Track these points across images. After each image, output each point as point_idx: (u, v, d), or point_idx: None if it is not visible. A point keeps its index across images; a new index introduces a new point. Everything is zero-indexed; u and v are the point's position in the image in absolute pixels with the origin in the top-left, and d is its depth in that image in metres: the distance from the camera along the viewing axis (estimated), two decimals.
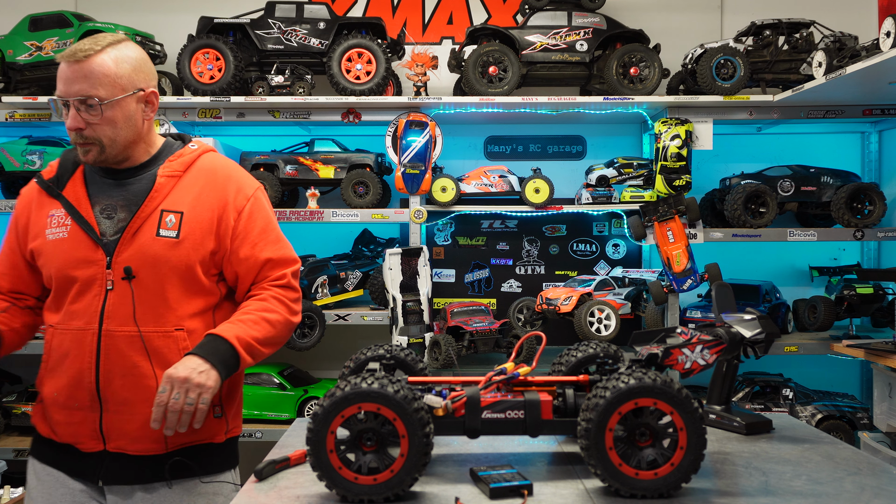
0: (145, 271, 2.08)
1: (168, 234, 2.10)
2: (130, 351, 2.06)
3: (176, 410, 1.94)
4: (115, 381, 2.06)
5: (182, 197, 2.15)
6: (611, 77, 3.84)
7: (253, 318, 2.12)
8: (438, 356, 3.48)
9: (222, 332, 2.07)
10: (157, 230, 2.10)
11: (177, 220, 2.12)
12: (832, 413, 3.65)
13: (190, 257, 2.11)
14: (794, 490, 1.58)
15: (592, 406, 1.50)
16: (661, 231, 3.84)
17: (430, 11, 4.42)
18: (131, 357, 2.06)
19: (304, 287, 3.78)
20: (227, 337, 2.05)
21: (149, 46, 3.92)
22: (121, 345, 2.06)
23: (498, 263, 4.35)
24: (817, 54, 3.47)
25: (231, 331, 2.07)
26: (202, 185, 2.19)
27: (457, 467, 1.72)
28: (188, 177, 2.19)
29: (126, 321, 2.06)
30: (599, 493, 1.54)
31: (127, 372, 2.06)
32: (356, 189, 3.86)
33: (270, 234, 2.26)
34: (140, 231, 2.09)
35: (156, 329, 2.08)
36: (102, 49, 2.05)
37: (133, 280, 2.07)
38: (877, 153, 4.38)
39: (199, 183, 2.19)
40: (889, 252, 4.37)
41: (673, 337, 1.86)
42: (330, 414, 1.47)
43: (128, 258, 2.07)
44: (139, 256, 2.08)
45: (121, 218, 2.11)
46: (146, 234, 2.09)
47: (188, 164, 2.20)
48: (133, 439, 2.08)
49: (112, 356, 2.06)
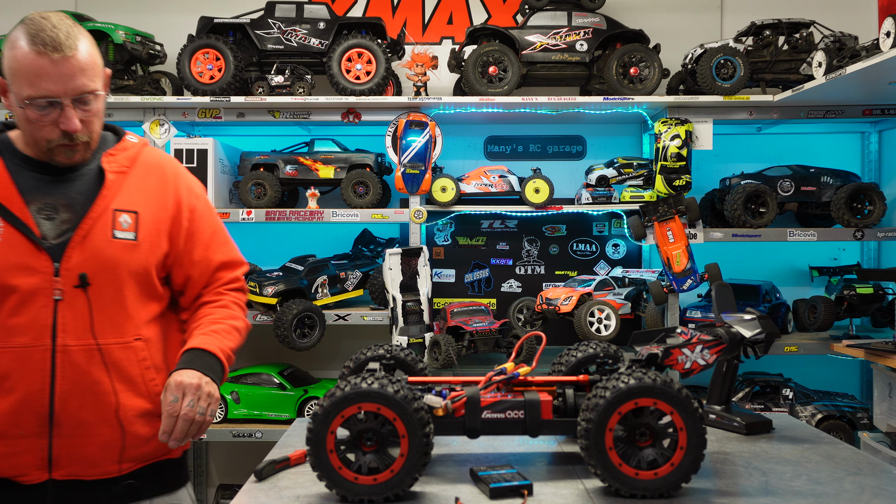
0: (102, 277, 1.89)
1: (125, 236, 1.93)
2: (89, 367, 1.86)
3: (189, 419, 1.81)
4: (72, 401, 1.85)
5: (133, 195, 1.98)
6: (611, 77, 3.84)
7: (225, 327, 2.01)
8: (438, 356, 3.48)
9: (207, 345, 1.95)
10: (112, 232, 1.91)
11: (133, 220, 1.95)
12: (832, 413, 3.65)
13: (148, 260, 1.96)
14: (794, 490, 1.58)
15: (592, 406, 1.49)
16: (661, 231, 3.84)
17: (430, 11, 4.42)
18: (91, 373, 1.86)
19: (304, 287, 3.78)
20: (213, 351, 1.94)
21: (149, 46, 3.92)
22: (79, 361, 1.85)
23: (498, 263, 4.35)
24: (817, 54, 3.46)
25: (214, 344, 1.96)
26: (154, 183, 2.03)
27: (457, 467, 1.72)
28: (135, 173, 2.01)
29: (83, 334, 1.86)
30: (599, 493, 1.54)
31: (86, 390, 1.86)
32: (356, 189, 3.86)
33: (221, 234, 2.16)
34: (92, 233, 1.89)
35: (116, 340, 1.90)
36: (79, 35, 1.86)
37: (89, 288, 1.87)
38: (877, 153, 4.38)
39: (149, 180, 2.03)
40: (889, 252, 4.37)
41: (673, 337, 1.86)
42: (330, 414, 1.47)
43: (80, 264, 1.87)
44: (94, 261, 1.88)
45: (64, 219, 1.90)
46: (100, 237, 1.90)
47: (133, 159, 2.02)
48: (91, 463, 1.88)
49: (69, 374, 1.84)
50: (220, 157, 3.91)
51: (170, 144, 3.85)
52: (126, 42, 3.81)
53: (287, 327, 3.60)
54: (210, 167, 3.82)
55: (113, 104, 3.79)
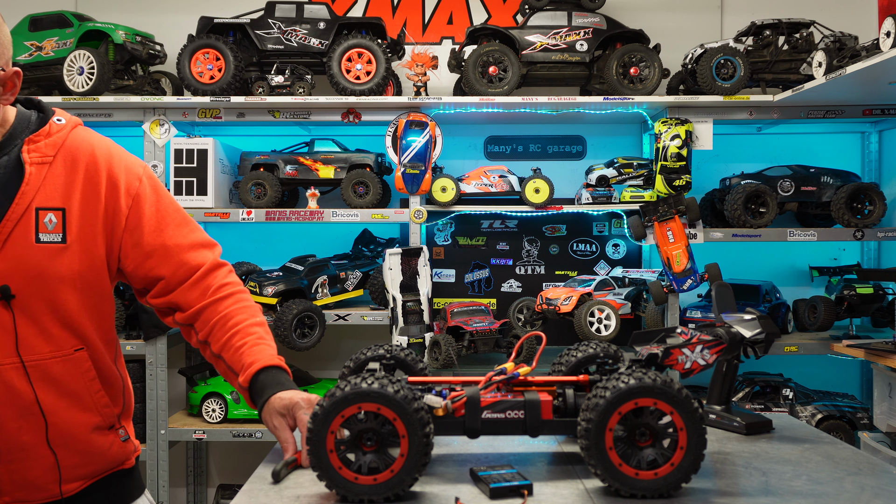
0: (28, 288, 1.66)
1: (50, 239, 1.67)
2: (22, 385, 1.67)
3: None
4: (9, 424, 1.67)
5: (58, 188, 1.71)
6: (611, 77, 3.84)
7: (264, 330, 1.88)
8: (438, 356, 3.48)
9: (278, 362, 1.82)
10: (36, 235, 1.66)
11: (58, 219, 1.68)
12: (832, 413, 3.65)
13: (82, 263, 1.72)
14: (794, 490, 1.57)
15: (592, 406, 1.49)
16: (661, 231, 3.84)
17: (430, 11, 4.42)
18: (26, 392, 1.67)
19: (304, 287, 3.78)
20: (285, 367, 1.83)
21: (149, 46, 3.93)
22: (10, 380, 1.66)
23: (498, 263, 4.35)
24: (817, 54, 3.46)
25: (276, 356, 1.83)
26: (83, 171, 1.74)
27: (457, 467, 1.72)
28: (60, 161, 1.72)
29: (9, 352, 1.66)
30: (599, 493, 1.54)
31: (25, 411, 1.68)
32: (356, 189, 3.86)
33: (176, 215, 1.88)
34: (12, 238, 1.64)
35: (53, 354, 1.70)
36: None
37: (13, 301, 1.65)
38: (877, 153, 4.38)
39: (77, 168, 1.74)
40: (889, 252, 4.37)
41: (673, 337, 1.86)
42: (330, 414, 1.47)
43: (2, 273, 1.64)
44: (17, 270, 1.65)
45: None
46: (21, 241, 1.65)
47: (59, 146, 1.73)
48: (37, 488, 1.71)
49: (2, 395, 1.66)
50: (220, 157, 3.91)
51: (170, 144, 3.85)
52: (126, 42, 3.81)
53: (287, 327, 3.60)
54: (210, 167, 3.82)
55: (113, 104, 3.79)
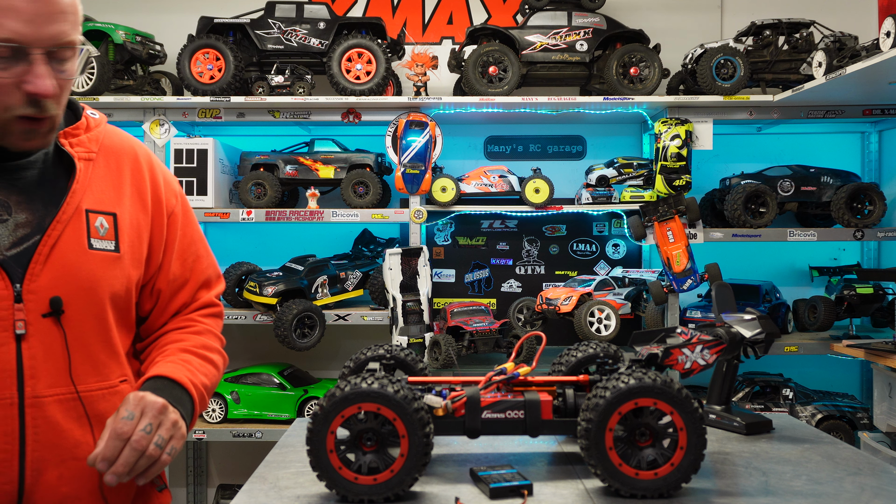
0: (79, 302, 1.44)
1: (104, 246, 1.47)
2: (69, 423, 1.42)
3: (140, 449, 1.35)
4: (49, 471, 1.41)
5: (105, 190, 1.52)
6: (611, 77, 3.84)
7: (199, 359, 1.59)
8: (438, 356, 3.48)
9: (175, 375, 1.51)
10: (88, 240, 1.45)
11: (110, 224, 1.49)
12: (832, 413, 3.65)
13: (131, 278, 1.53)
14: (794, 490, 1.57)
15: (592, 406, 1.49)
16: (661, 231, 3.84)
17: (430, 11, 4.42)
18: (71, 433, 1.43)
19: (304, 287, 3.78)
20: (184, 383, 1.51)
21: (149, 46, 3.92)
22: (55, 416, 1.41)
23: (498, 263, 4.35)
24: (817, 54, 3.46)
25: (185, 374, 1.52)
26: (128, 175, 1.57)
27: (457, 467, 1.72)
28: (103, 161, 1.54)
29: (59, 380, 1.42)
30: (599, 493, 1.54)
31: (67, 455, 1.42)
32: (356, 189, 3.86)
33: (203, 245, 1.73)
34: (62, 242, 1.43)
35: (99, 386, 1.47)
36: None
37: (63, 316, 1.41)
38: (877, 153, 4.38)
39: (122, 170, 1.56)
40: (889, 252, 4.37)
41: (673, 337, 1.86)
42: (330, 414, 1.47)
43: (50, 284, 1.40)
44: (67, 281, 1.42)
45: (21, 221, 1.41)
46: (72, 247, 1.44)
47: (100, 142, 1.55)
48: None
49: (43, 435, 1.40)
50: (220, 157, 3.91)
51: (170, 144, 3.85)
52: (126, 42, 3.81)
53: (287, 327, 3.60)
54: (210, 167, 3.82)
55: (113, 104, 3.78)
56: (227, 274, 3.91)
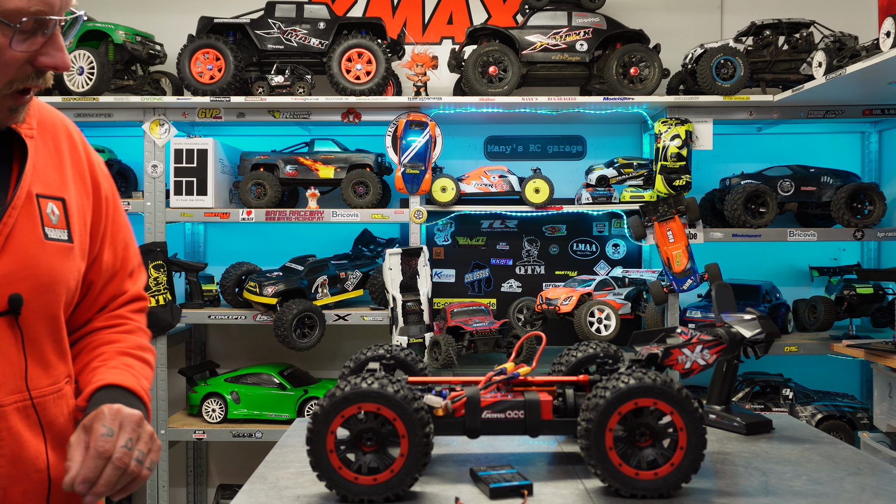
0: (37, 299, 1.30)
1: (58, 236, 1.33)
2: (27, 433, 1.29)
3: (122, 466, 1.24)
4: (14, 487, 1.29)
5: (50, 172, 1.36)
6: (611, 77, 3.84)
7: (139, 362, 1.49)
8: (438, 356, 3.48)
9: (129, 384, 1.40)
10: (43, 229, 1.30)
11: (60, 211, 1.34)
12: (832, 413, 3.65)
13: (80, 272, 1.40)
14: (794, 490, 1.57)
15: (592, 406, 1.49)
16: (661, 231, 3.84)
17: (430, 11, 4.42)
18: (30, 443, 1.29)
19: (304, 287, 3.78)
20: (138, 392, 1.41)
21: (149, 46, 3.92)
22: (17, 426, 1.27)
23: (498, 263, 4.35)
24: (817, 54, 3.46)
25: (136, 383, 1.42)
26: (68, 154, 1.41)
27: (457, 467, 1.72)
28: (40, 136, 1.37)
29: (17, 385, 1.28)
30: (599, 493, 1.54)
31: (31, 468, 1.30)
32: (356, 189, 3.86)
33: (130, 232, 1.59)
34: (16, 230, 1.27)
35: (51, 389, 1.34)
36: None
37: (20, 315, 1.27)
38: (877, 153, 4.38)
39: (61, 149, 1.40)
40: (889, 252, 4.37)
41: (673, 337, 1.86)
42: (330, 414, 1.47)
43: (6, 280, 1.25)
44: (25, 275, 1.27)
45: None
46: (28, 237, 1.28)
47: (35, 117, 1.37)
48: None
49: (8, 449, 1.27)
50: (220, 157, 3.92)
51: (170, 144, 3.85)
52: (126, 42, 3.81)
53: (287, 327, 3.60)
54: (210, 167, 3.82)
55: (113, 104, 3.78)
56: (227, 274, 3.92)
